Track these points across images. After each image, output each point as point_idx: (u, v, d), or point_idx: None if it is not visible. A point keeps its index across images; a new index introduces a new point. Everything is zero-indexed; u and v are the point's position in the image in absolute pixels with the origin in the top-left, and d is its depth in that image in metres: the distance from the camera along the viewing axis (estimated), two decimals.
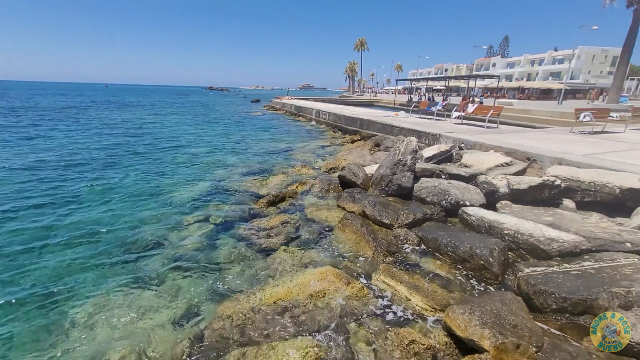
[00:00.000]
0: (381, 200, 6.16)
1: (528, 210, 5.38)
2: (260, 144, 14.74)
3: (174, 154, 12.28)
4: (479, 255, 4.15)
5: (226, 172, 9.61)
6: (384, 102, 45.56)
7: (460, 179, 6.65)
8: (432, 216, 5.63)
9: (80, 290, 3.97)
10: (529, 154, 7.34)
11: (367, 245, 4.71)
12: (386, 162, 7.08)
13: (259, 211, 6.36)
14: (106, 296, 3.84)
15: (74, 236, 5.34)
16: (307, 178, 8.46)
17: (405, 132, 11.89)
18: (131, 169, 9.80)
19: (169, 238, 5.33)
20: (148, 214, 6.32)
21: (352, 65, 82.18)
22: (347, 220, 5.40)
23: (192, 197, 7.35)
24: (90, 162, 10.44)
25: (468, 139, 9.21)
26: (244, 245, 4.99)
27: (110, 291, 3.93)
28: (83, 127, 19.00)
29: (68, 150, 12.22)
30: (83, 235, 5.38)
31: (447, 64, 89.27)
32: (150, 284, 4.09)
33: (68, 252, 4.86)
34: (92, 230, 5.60)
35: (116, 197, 7.31)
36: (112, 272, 4.37)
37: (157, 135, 16.95)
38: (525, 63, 67.29)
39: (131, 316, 3.49)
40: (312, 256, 4.50)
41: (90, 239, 5.30)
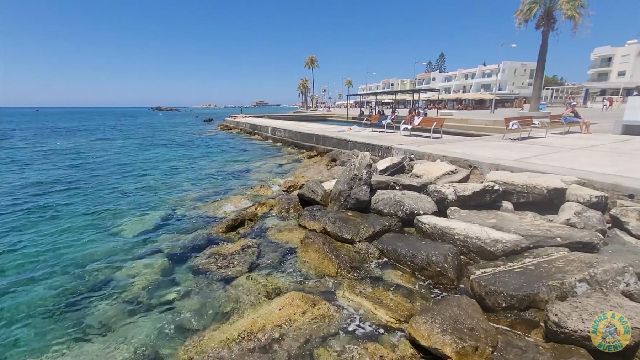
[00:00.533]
0: (341, 216, 6.26)
1: (474, 214, 5.83)
2: (216, 165, 14.28)
3: (121, 182, 11.37)
4: (435, 263, 4.38)
5: (180, 197, 9.12)
6: (337, 117, 46.95)
7: (413, 189, 7.02)
8: (390, 227, 5.85)
9: (13, 347, 3.43)
10: (471, 162, 8.02)
11: (330, 263, 4.73)
12: (343, 178, 7.26)
13: (217, 237, 6.10)
14: (45, 352, 3.37)
15: (7, 281, 4.66)
16: (267, 198, 8.34)
17: (359, 146, 12.33)
18: (71, 201, 8.87)
19: (117, 276, 4.88)
20: (93, 250, 5.74)
21: (304, 82, 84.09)
22: (309, 239, 5.39)
23: (143, 227, 6.84)
24: (22, 196, 9.26)
25: (417, 150, 9.81)
26: (203, 276, 4.73)
27: (49, 346, 3.46)
28: (7, 158, 16.87)
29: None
30: (17, 279, 4.72)
31: (393, 79, 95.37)
32: (97, 332, 3.68)
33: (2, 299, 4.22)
34: (26, 272, 4.95)
35: (55, 233, 6.56)
36: (51, 322, 3.87)
37: (100, 163, 15.61)
38: (460, 77, 74.41)
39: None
40: (276, 282, 4.39)
41: (26, 283, 4.67)
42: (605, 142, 10.77)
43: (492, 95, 41.04)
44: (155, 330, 3.66)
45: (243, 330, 3.31)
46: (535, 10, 24.28)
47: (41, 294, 4.44)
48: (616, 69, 52.23)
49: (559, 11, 23.40)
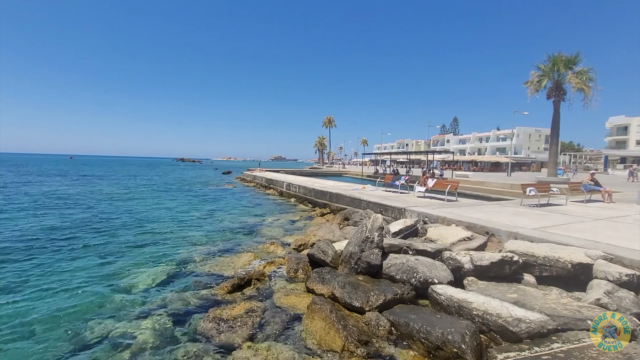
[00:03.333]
0: (351, 280, 6.01)
1: (493, 286, 5.47)
2: (229, 218, 14.43)
3: (134, 231, 11.58)
4: (451, 342, 4.01)
5: (191, 251, 9.10)
6: (352, 174, 47.84)
7: (427, 255, 6.76)
8: (402, 296, 5.53)
9: None
10: (488, 228, 7.78)
11: (337, 334, 4.41)
12: (354, 239, 7.13)
13: (221, 298, 5.90)
14: None
15: (7, 334, 4.56)
16: (276, 257, 8.20)
17: (372, 205, 12.32)
18: (83, 249, 9.00)
19: (119, 334, 4.71)
20: (97, 304, 5.67)
21: (321, 139, 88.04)
22: (316, 306, 5.12)
23: (150, 282, 6.75)
24: (35, 241, 9.50)
25: (431, 213, 9.67)
26: (203, 342, 4.48)
27: None
28: (32, 203, 17.75)
29: (9, 230, 11.14)
30: (17, 332, 4.63)
31: (408, 139, 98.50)
32: None
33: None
34: (28, 326, 4.85)
35: (60, 282, 6.56)
36: None
37: (119, 211, 16.12)
38: (474, 140, 76.08)
39: None
40: (278, 353, 4.09)
41: (25, 338, 4.55)
42: (630, 213, 10.32)
43: (508, 159, 41.25)
44: None
45: None
46: (544, 82, 25.45)
47: (37, 348, 4.29)
48: (634, 138, 52.31)
49: (568, 84, 24.42)
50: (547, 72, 25.29)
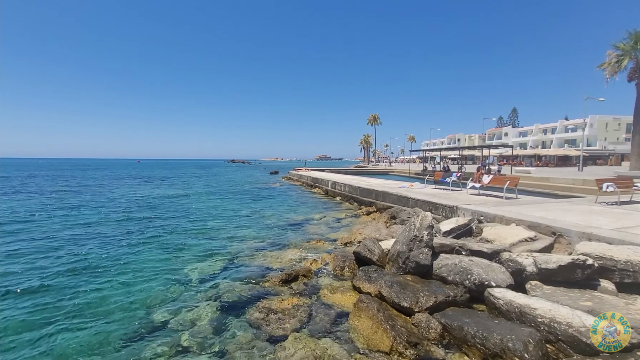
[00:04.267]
0: (399, 280, 5.83)
1: (562, 292, 4.90)
2: (277, 215, 14.92)
3: (189, 226, 12.55)
4: (512, 350, 3.68)
5: (241, 246, 9.59)
6: (399, 172, 46.45)
7: (482, 256, 6.29)
8: (455, 298, 5.21)
9: None
10: (554, 228, 7.00)
11: (385, 334, 4.31)
12: (402, 238, 6.90)
13: (270, 290, 6.13)
14: None
15: (83, 313, 5.26)
16: (322, 253, 8.28)
17: (421, 204, 11.82)
18: (146, 243, 9.96)
19: (178, 321, 5.12)
20: (160, 292, 6.23)
21: (366, 137, 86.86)
22: (363, 304, 5.07)
23: (205, 272, 7.26)
24: (107, 236, 10.78)
25: (487, 212, 8.99)
26: (254, 331, 4.69)
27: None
28: (106, 201, 20.17)
29: (89, 223, 12.79)
30: (93, 312, 5.30)
31: (460, 134, 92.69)
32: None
33: (74, 332, 4.73)
34: (101, 307, 5.52)
35: (129, 270, 7.34)
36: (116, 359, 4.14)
37: (176, 207, 17.61)
38: (537, 132, 68.94)
39: None
40: (325, 347, 4.12)
41: (98, 318, 5.18)
42: None
43: (579, 152, 36.68)
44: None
45: None
46: (624, 62, 22.19)
47: (111, 328, 4.86)
48: None
49: None
50: (627, 51, 22.03)
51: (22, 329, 4.84)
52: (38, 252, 8.75)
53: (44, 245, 9.44)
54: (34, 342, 4.50)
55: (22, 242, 9.84)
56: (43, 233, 11.06)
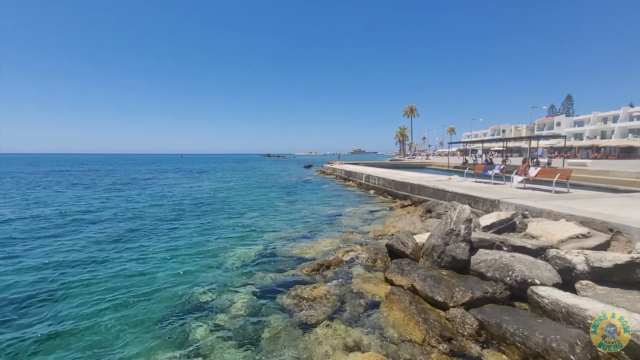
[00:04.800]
0: (433, 274, 5.67)
1: (618, 294, 4.46)
2: (310, 208, 15.11)
3: (227, 216, 13.15)
4: (556, 351, 3.44)
5: (274, 236, 9.87)
6: (436, 165, 44.69)
7: (526, 252, 5.90)
8: (494, 295, 4.96)
9: (122, 352, 4.10)
10: (612, 225, 6.35)
11: (417, 327, 4.23)
12: (437, 231, 6.68)
13: (303, 278, 6.27)
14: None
15: (128, 293, 5.75)
16: (354, 245, 8.26)
17: (459, 197, 11.31)
18: (187, 231, 10.60)
19: (215, 304, 5.43)
20: (199, 276, 6.62)
21: (402, 130, 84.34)
22: (394, 296, 5.01)
23: (241, 260, 7.59)
24: (153, 223, 11.63)
25: (533, 206, 8.38)
26: (286, 316, 4.85)
27: (154, 355, 4.00)
28: (153, 191, 21.73)
29: (136, 213, 13.89)
30: (137, 292, 5.77)
31: (505, 125, 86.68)
32: (193, 352, 4.09)
33: (121, 308, 5.20)
34: (145, 288, 6.00)
35: (171, 256, 7.88)
36: (158, 334, 4.50)
37: (215, 198, 18.51)
38: (596, 121, 62.38)
39: None
40: (355, 336, 4.15)
41: (143, 296, 5.63)
42: None
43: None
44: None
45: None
46: None
47: (154, 307, 5.27)
48: None
49: None
50: None
51: (75, 302, 5.43)
52: (93, 238, 9.71)
53: (99, 233, 10.44)
54: (85, 315, 5.02)
55: (84, 227, 10.99)
56: (100, 221, 12.24)
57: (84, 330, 4.61)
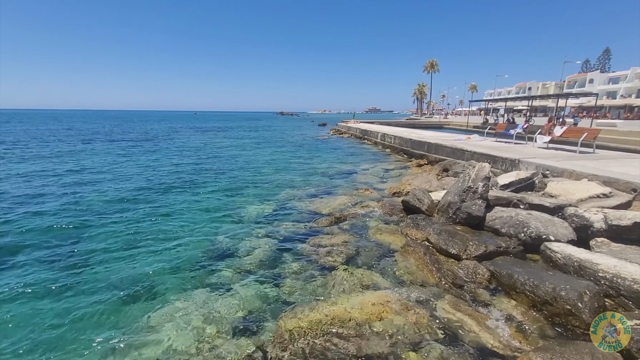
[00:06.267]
0: (447, 229, 5.84)
1: (634, 250, 4.53)
2: (325, 165, 15.25)
3: (243, 173, 13.50)
4: (564, 299, 3.63)
5: (291, 192, 10.16)
6: (455, 125, 43.28)
7: (543, 210, 5.93)
8: (507, 249, 5.12)
9: (159, 291, 4.54)
10: (635, 185, 6.23)
11: (431, 274, 4.50)
12: (454, 189, 6.73)
13: (320, 230, 6.58)
14: (181, 298, 4.33)
15: (160, 242, 6.21)
16: (370, 201, 8.46)
17: (478, 156, 11.13)
18: (207, 187, 10.98)
19: (238, 250, 5.82)
20: (221, 227, 7.02)
21: (421, 87, 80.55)
22: (410, 247, 5.25)
23: (259, 214, 7.94)
24: (175, 180, 12.09)
25: (555, 166, 8.22)
26: (305, 261, 5.21)
27: (185, 294, 4.44)
28: (171, 149, 22.22)
29: (158, 170, 14.39)
30: (167, 241, 6.23)
31: (531, 82, 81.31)
32: (220, 290, 4.50)
33: (153, 257, 5.64)
34: (174, 237, 6.45)
35: (195, 209, 8.31)
36: (188, 277, 4.92)
37: (231, 156, 18.85)
38: (633, 77, 57.53)
39: (201, 318, 3.86)
40: (371, 278, 4.47)
41: (173, 246, 6.07)
42: None
43: None
44: (265, 298, 4.26)
45: (336, 315, 3.52)
46: None
47: (183, 255, 5.71)
48: None
49: None
50: None
51: (113, 246, 5.95)
52: (121, 193, 10.26)
53: (121, 190, 10.99)
54: (121, 259, 5.51)
55: (112, 183, 11.58)
56: (123, 175, 12.82)
57: (124, 271, 5.09)
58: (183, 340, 3.53)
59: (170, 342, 3.50)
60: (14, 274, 4.92)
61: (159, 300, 4.34)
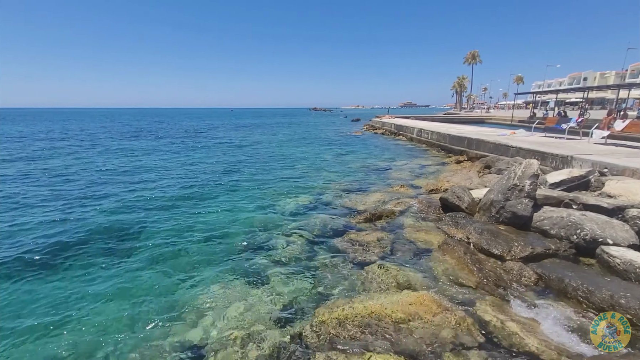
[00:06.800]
0: (490, 228, 5.57)
1: None
2: (359, 161, 15.14)
3: (278, 168, 13.82)
4: (624, 307, 3.34)
5: (325, 187, 10.23)
6: (498, 119, 40.77)
7: (600, 211, 5.44)
8: (556, 252, 4.79)
9: (200, 278, 4.79)
10: None
11: (471, 274, 4.33)
12: (498, 186, 6.39)
13: (355, 226, 6.57)
14: (221, 286, 4.55)
15: (201, 232, 6.56)
16: (406, 198, 8.28)
17: (524, 153, 10.44)
18: (245, 181, 11.37)
19: (274, 243, 5.99)
20: (258, 220, 7.26)
21: (460, 80, 76.74)
22: (448, 245, 5.09)
23: (295, 207, 8.11)
24: (215, 175, 12.67)
25: (614, 163, 7.49)
26: (340, 256, 5.24)
27: (225, 282, 4.66)
28: (211, 145, 23.25)
29: (199, 165, 15.15)
30: (208, 232, 6.57)
31: (587, 72, 74.04)
32: (258, 280, 4.68)
33: (196, 245, 5.99)
34: (214, 228, 6.77)
35: (233, 202, 8.67)
36: (228, 266, 5.15)
37: (266, 152, 19.34)
38: None
39: (240, 306, 4.04)
40: (407, 277, 4.40)
41: (213, 236, 6.38)
42: None
43: None
44: (300, 290, 4.37)
45: (371, 311, 3.52)
46: None
47: (224, 244, 6.00)
48: None
49: None
50: None
51: (157, 237, 6.39)
52: (163, 188, 10.97)
53: (165, 185, 11.73)
54: (168, 246, 5.91)
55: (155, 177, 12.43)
56: (168, 170, 13.68)
57: (171, 259, 5.47)
58: (224, 323, 3.74)
59: (212, 325, 3.74)
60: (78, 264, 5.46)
61: (202, 286, 4.61)
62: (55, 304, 4.22)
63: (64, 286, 4.65)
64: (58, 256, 5.55)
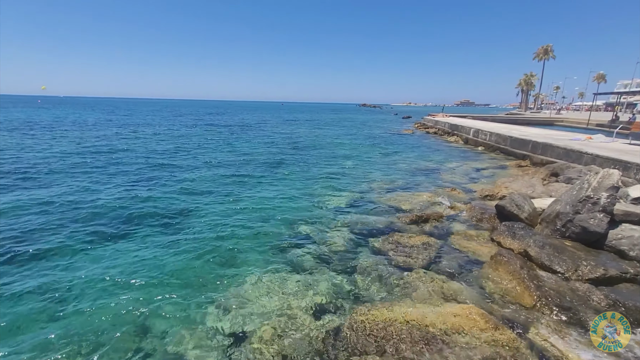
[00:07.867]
0: (553, 242, 5.03)
1: None
2: (409, 160, 14.62)
3: (326, 163, 13.89)
4: None
5: (371, 185, 10.07)
6: (570, 122, 36.44)
7: None
8: (635, 277, 4.17)
9: (245, 266, 5.01)
10: None
11: (527, 292, 3.95)
12: (567, 197, 5.74)
13: (399, 227, 6.38)
14: (264, 275, 4.72)
15: (249, 222, 6.84)
16: (457, 202, 7.82)
17: (601, 161, 9.21)
18: (292, 175, 11.63)
19: (318, 236, 6.07)
20: (303, 213, 7.41)
21: (528, 77, 69.62)
22: (502, 257, 4.69)
23: (340, 203, 8.11)
24: (263, 167, 13.14)
25: None
26: (382, 257, 5.13)
27: (268, 271, 4.82)
28: (261, 138, 24.16)
29: (250, 157, 15.83)
30: (255, 222, 6.83)
31: None
32: (300, 272, 4.79)
33: (244, 232, 6.27)
34: (261, 219, 7.02)
35: (279, 195, 8.91)
36: (272, 255, 5.35)
37: (314, 147, 19.54)
38: None
39: (280, 295, 4.16)
40: (453, 287, 4.15)
41: (260, 227, 6.61)
42: None
43: None
44: (339, 286, 4.37)
45: (411, 319, 3.39)
46: None
47: (269, 234, 6.21)
48: None
49: None
50: None
51: (205, 218, 6.81)
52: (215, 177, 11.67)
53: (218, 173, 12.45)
54: (217, 233, 6.26)
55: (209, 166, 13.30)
56: (221, 160, 14.54)
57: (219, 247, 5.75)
58: (268, 307, 3.90)
59: (252, 312, 3.90)
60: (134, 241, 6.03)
61: (245, 272, 4.82)
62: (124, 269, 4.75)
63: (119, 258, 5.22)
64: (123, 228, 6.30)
